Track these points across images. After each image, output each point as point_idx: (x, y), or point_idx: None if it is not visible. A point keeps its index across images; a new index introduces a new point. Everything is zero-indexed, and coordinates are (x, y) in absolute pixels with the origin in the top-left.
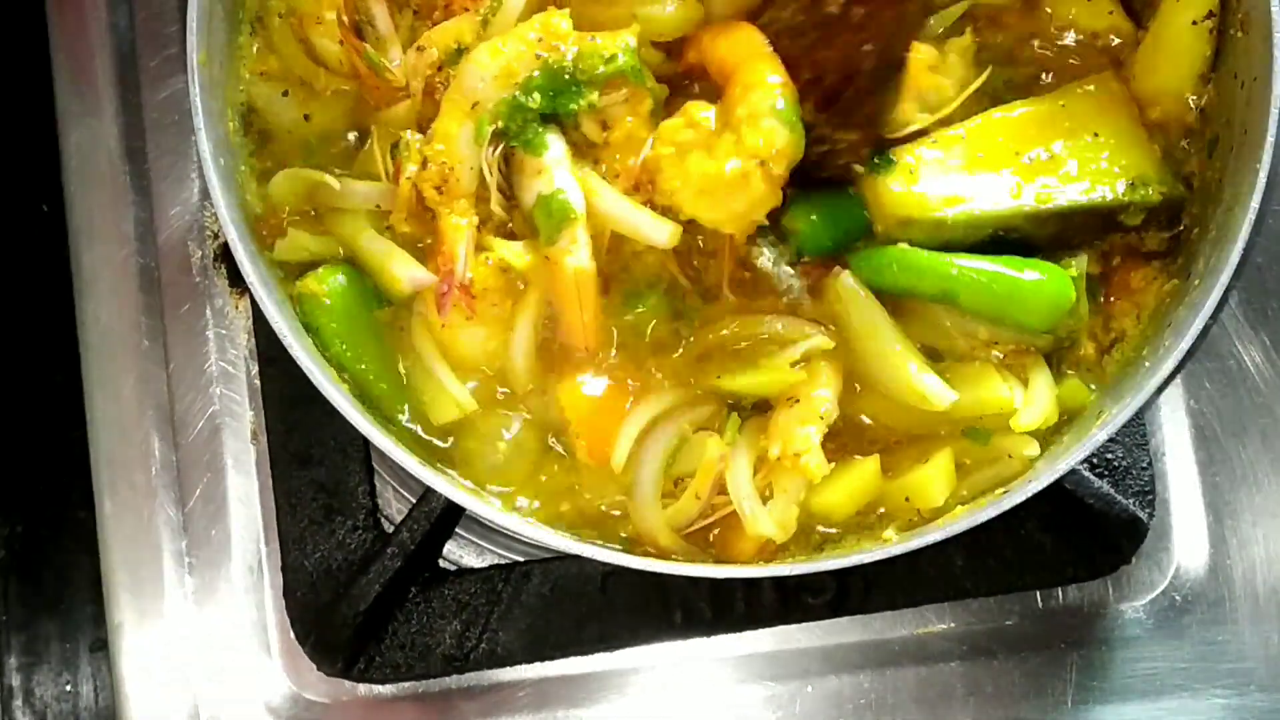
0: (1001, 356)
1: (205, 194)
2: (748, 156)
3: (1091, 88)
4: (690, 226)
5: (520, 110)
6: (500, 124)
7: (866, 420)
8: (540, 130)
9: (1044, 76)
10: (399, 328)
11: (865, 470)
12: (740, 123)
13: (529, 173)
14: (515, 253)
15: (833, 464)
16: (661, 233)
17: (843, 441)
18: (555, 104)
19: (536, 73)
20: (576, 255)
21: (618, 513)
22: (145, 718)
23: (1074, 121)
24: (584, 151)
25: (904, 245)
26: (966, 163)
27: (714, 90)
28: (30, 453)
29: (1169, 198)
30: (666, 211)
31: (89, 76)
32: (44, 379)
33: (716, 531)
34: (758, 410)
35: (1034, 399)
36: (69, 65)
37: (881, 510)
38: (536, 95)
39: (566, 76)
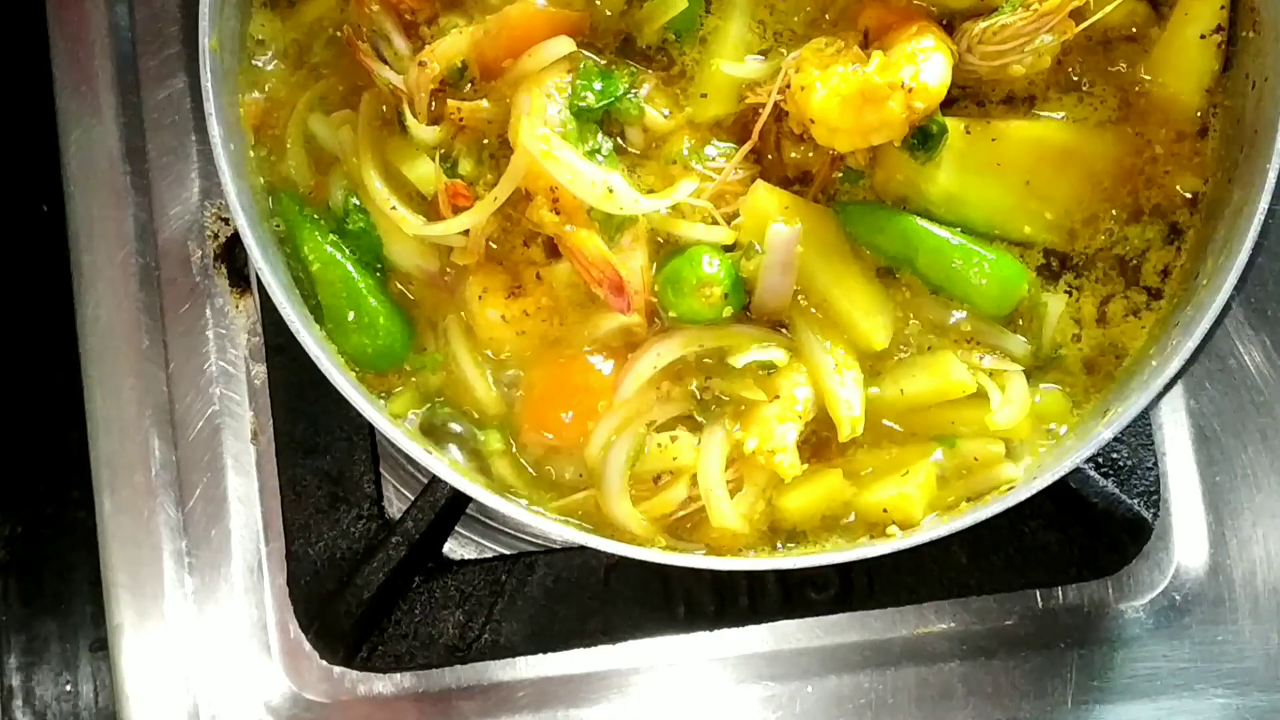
0: (980, 359)
1: (205, 194)
2: (896, 79)
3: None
4: None
5: (582, 114)
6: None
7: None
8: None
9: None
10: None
11: (829, 481)
12: (900, 55)
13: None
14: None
15: (805, 465)
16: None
17: (818, 439)
18: (606, 89)
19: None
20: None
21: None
22: (145, 718)
23: (1087, 166)
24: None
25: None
26: (982, 167)
27: None
28: (30, 453)
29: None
30: (795, 114)
31: (89, 76)
32: (44, 379)
33: (689, 526)
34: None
35: (1011, 399)
36: (69, 65)
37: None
38: (588, 94)
39: (598, 69)
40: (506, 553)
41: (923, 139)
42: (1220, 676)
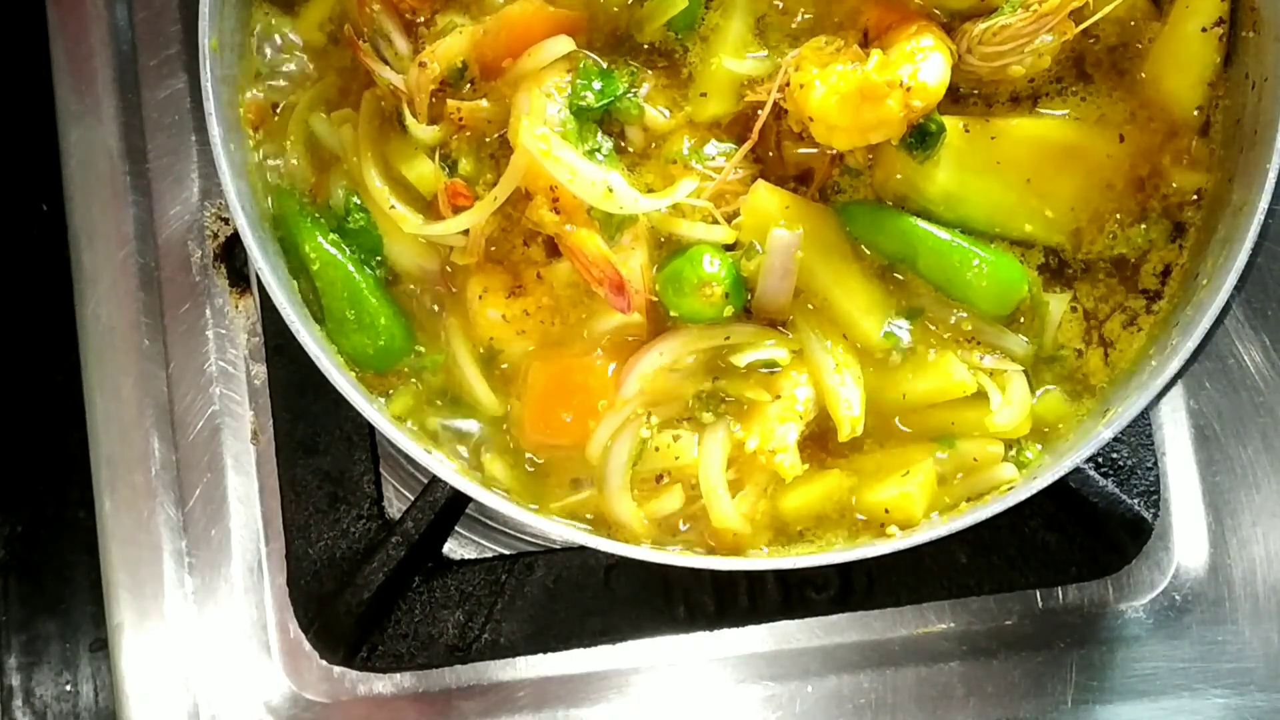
0: (981, 359)
1: (205, 194)
2: (895, 77)
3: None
4: None
5: (582, 113)
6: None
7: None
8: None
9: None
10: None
11: (829, 481)
12: (899, 54)
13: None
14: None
15: (806, 465)
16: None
17: (818, 442)
18: (606, 88)
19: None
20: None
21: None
22: (145, 718)
23: (1089, 163)
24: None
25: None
26: (981, 166)
27: None
28: (30, 453)
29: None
30: (794, 112)
31: (89, 76)
32: (44, 379)
33: (690, 525)
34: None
35: (1011, 399)
36: (69, 65)
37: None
38: (588, 94)
39: (598, 69)
40: (506, 553)
41: (921, 138)
42: (1220, 676)
